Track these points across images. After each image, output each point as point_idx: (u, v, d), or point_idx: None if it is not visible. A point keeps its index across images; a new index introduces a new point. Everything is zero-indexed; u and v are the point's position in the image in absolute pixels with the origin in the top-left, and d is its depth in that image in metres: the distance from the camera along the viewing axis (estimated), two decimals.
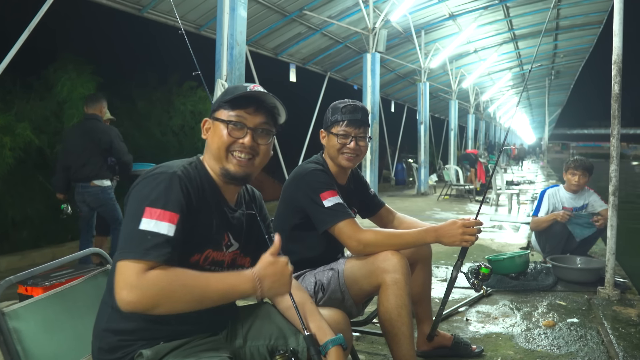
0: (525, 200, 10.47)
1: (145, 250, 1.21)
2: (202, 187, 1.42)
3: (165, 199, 1.29)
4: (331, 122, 2.20)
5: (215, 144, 1.45)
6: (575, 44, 17.10)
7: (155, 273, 1.21)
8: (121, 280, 1.19)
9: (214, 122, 1.47)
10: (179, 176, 1.34)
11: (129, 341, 1.33)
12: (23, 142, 5.87)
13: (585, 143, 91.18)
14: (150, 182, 1.32)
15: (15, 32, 4.85)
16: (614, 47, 3.72)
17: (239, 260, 1.53)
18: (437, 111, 23.29)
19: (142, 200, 1.28)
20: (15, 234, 6.56)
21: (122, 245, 1.24)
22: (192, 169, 1.42)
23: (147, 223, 1.24)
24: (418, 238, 2.11)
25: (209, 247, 1.42)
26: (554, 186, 4.75)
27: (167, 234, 1.25)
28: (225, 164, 1.45)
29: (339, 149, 2.18)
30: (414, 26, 11.27)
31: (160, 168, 1.37)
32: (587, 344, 2.88)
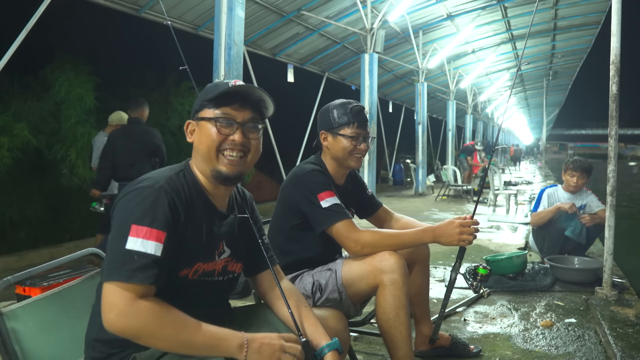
0: (523, 200, 10.49)
1: (131, 272, 1.18)
2: (191, 198, 1.37)
3: (152, 215, 1.24)
4: (339, 124, 2.18)
5: (204, 144, 1.39)
6: (573, 45, 17.14)
7: (146, 305, 1.18)
8: (109, 303, 1.17)
9: (199, 123, 1.41)
10: (165, 190, 1.29)
11: (121, 348, 1.31)
12: (21, 143, 5.85)
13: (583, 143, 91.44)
14: (136, 196, 1.26)
15: (13, 31, 4.85)
16: (612, 47, 3.73)
17: (230, 267, 1.49)
18: (435, 111, 23.31)
19: (127, 217, 1.23)
20: (12, 234, 6.55)
21: (108, 265, 1.21)
22: (180, 178, 1.37)
23: (133, 242, 1.20)
24: (415, 238, 2.11)
25: (198, 260, 1.38)
26: (552, 186, 4.77)
27: (154, 254, 1.21)
28: (216, 164, 1.39)
29: (350, 150, 2.18)
30: (412, 26, 11.29)
31: (146, 180, 1.31)
32: (585, 344, 2.88)
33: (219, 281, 1.46)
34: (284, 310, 1.52)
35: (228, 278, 1.49)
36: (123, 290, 1.18)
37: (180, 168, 1.42)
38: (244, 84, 1.40)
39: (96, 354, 1.33)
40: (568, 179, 4.56)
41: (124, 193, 1.29)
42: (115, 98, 8.53)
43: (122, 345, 1.30)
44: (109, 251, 1.24)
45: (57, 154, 6.36)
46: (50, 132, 6.56)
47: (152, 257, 1.21)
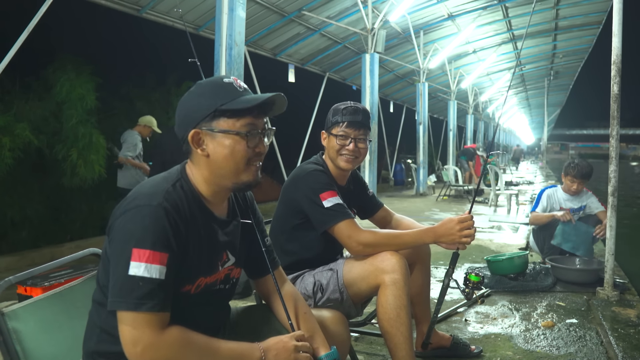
0: (524, 200, 10.48)
1: (138, 299, 1.15)
2: (190, 212, 1.29)
3: (153, 237, 1.18)
4: (332, 123, 2.21)
5: (230, 159, 1.30)
6: (574, 45, 17.12)
7: (171, 337, 1.18)
8: (133, 336, 1.16)
9: (216, 135, 1.29)
10: (164, 208, 1.21)
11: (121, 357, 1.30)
12: (22, 143, 5.85)
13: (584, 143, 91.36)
14: (134, 216, 1.20)
15: (15, 32, 4.86)
16: (613, 47, 3.72)
17: (232, 274, 1.47)
18: (436, 112, 23.30)
19: (127, 240, 1.18)
20: (14, 234, 6.55)
21: (113, 292, 1.18)
22: (177, 191, 1.29)
23: (136, 267, 1.16)
24: (417, 238, 2.11)
25: (200, 275, 1.34)
26: (552, 186, 4.76)
27: (159, 278, 1.17)
28: (242, 177, 1.33)
29: (337, 150, 2.19)
30: (413, 26, 11.29)
31: (142, 197, 1.23)
32: (586, 345, 2.88)
33: (221, 289, 1.44)
34: (284, 315, 1.50)
35: (230, 285, 1.48)
36: (141, 324, 1.15)
37: (176, 177, 1.33)
38: (273, 95, 1.32)
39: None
40: (568, 184, 4.54)
41: (121, 211, 1.23)
42: (116, 98, 8.53)
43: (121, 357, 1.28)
44: (112, 276, 1.20)
45: (59, 154, 6.36)
46: (52, 132, 6.56)
47: (157, 281, 1.17)
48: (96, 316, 1.32)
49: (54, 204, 7.02)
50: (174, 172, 1.36)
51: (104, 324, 1.30)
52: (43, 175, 6.86)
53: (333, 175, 2.25)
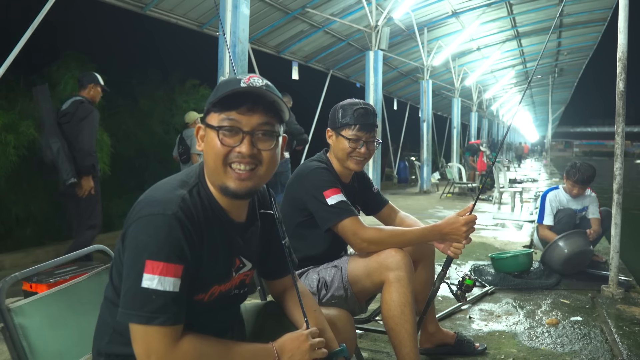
0: (528, 198, 10.46)
1: (151, 313, 1.12)
2: (206, 220, 1.24)
3: (167, 249, 1.14)
4: (342, 124, 2.16)
5: (209, 156, 1.24)
6: (579, 42, 17.05)
7: (186, 348, 1.16)
8: (147, 348, 1.14)
9: (206, 129, 1.25)
10: (179, 218, 1.17)
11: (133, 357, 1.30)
12: (26, 140, 5.87)
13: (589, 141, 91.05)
14: (147, 226, 1.15)
15: (19, 30, 4.86)
16: (619, 44, 3.70)
17: (247, 280, 1.44)
18: (440, 109, 23.26)
19: (141, 251, 1.14)
20: (18, 231, 6.58)
21: (125, 303, 1.15)
22: (194, 197, 1.23)
23: (149, 280, 1.12)
24: (421, 236, 2.11)
25: (214, 284, 1.30)
26: (554, 188, 4.67)
27: (172, 291, 1.14)
28: (224, 179, 1.24)
29: (349, 152, 2.17)
30: (417, 24, 11.25)
31: (155, 206, 1.18)
32: (591, 342, 2.87)
33: (234, 295, 1.42)
34: (295, 312, 1.49)
35: (244, 291, 1.46)
36: (157, 335, 1.14)
37: (194, 182, 1.27)
38: (254, 85, 1.21)
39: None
40: (570, 188, 4.47)
41: (133, 218, 1.19)
42: (120, 95, 8.54)
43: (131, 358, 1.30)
44: (123, 286, 1.16)
45: None
46: None
47: (170, 294, 1.14)
48: (109, 315, 1.31)
49: (58, 202, 7.05)
50: (192, 174, 1.30)
51: (117, 325, 1.27)
52: (47, 173, 6.88)
53: (337, 173, 2.24)
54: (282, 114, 1.27)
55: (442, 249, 2.17)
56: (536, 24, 13.79)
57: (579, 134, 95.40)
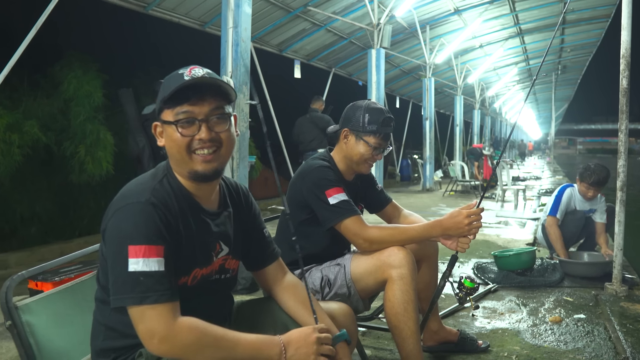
0: (532, 196, 10.44)
1: (142, 293, 1.17)
2: (179, 206, 1.31)
3: (146, 232, 1.20)
4: (367, 130, 2.17)
5: (173, 149, 1.31)
6: (582, 38, 17.00)
7: (185, 327, 1.19)
8: (148, 329, 1.18)
9: (163, 126, 1.32)
10: (153, 204, 1.24)
11: (129, 350, 1.32)
12: (30, 140, 5.89)
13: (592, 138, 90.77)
14: (124, 216, 1.22)
15: (22, 30, 4.88)
16: (623, 40, 3.69)
17: (227, 264, 1.47)
18: (443, 107, 23.22)
19: (122, 239, 1.20)
20: (23, 230, 6.61)
21: (116, 290, 1.20)
22: (164, 186, 1.31)
23: (135, 263, 1.18)
24: (424, 233, 2.11)
25: (195, 266, 1.35)
26: (570, 185, 4.58)
27: (158, 270, 1.20)
28: (191, 165, 1.31)
29: (367, 158, 2.20)
30: (419, 21, 11.24)
31: (129, 197, 1.26)
32: (594, 340, 2.87)
33: (217, 280, 1.44)
34: (291, 304, 1.52)
35: (226, 277, 1.48)
36: (153, 317, 1.18)
37: (162, 174, 1.35)
38: (197, 77, 1.28)
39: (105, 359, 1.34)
40: (584, 190, 4.38)
41: (111, 212, 1.25)
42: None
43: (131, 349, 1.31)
44: (111, 275, 1.22)
45: (67, 150, 6.39)
46: (60, 129, 6.59)
47: (158, 273, 1.20)
48: (100, 315, 1.35)
49: (62, 201, 7.07)
50: (161, 168, 1.38)
51: (108, 321, 1.32)
52: (51, 172, 6.90)
53: (340, 171, 2.25)
54: (229, 96, 1.35)
55: (449, 245, 2.15)
56: (539, 21, 13.75)
57: (582, 131, 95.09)
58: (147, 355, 1.27)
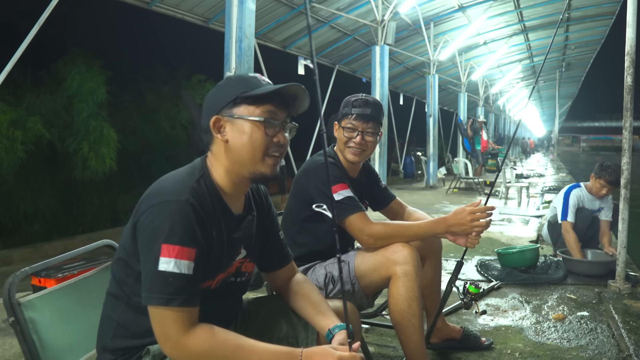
0: (535, 193, 10.42)
1: (169, 295, 1.17)
2: (213, 209, 1.29)
3: (182, 233, 1.19)
4: (342, 115, 2.21)
5: (248, 146, 1.29)
6: (586, 36, 16.92)
7: (199, 335, 1.19)
8: (162, 333, 1.18)
9: (235, 121, 1.30)
10: (192, 204, 1.22)
11: (137, 349, 1.32)
12: (34, 136, 5.92)
13: (596, 136, 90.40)
14: (161, 212, 1.20)
15: (26, 26, 4.89)
16: (627, 37, 3.67)
17: (243, 267, 1.46)
18: (446, 104, 23.17)
19: (156, 236, 1.18)
20: (27, 226, 6.64)
21: (145, 287, 1.19)
22: (201, 187, 1.28)
23: (166, 263, 1.17)
24: (428, 230, 2.11)
25: (220, 272, 1.35)
26: (576, 186, 4.54)
27: (188, 273, 1.19)
28: (259, 167, 1.31)
29: (345, 142, 2.19)
30: (423, 18, 11.20)
31: (167, 194, 1.23)
32: (598, 338, 2.87)
33: (232, 282, 1.44)
34: (299, 304, 1.51)
35: (241, 280, 1.47)
36: (171, 320, 1.17)
37: (199, 174, 1.31)
38: (293, 84, 1.31)
39: (111, 358, 1.34)
40: (597, 187, 4.33)
41: (145, 207, 1.23)
42: (126, 91, 8.57)
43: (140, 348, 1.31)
44: (142, 272, 1.21)
45: (70, 147, 6.41)
46: (63, 125, 6.61)
47: (186, 276, 1.18)
48: (111, 310, 1.34)
49: (65, 197, 7.10)
50: (196, 167, 1.35)
51: (120, 318, 1.31)
52: (55, 169, 6.93)
53: (345, 167, 2.25)
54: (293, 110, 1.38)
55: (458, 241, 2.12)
56: (543, 18, 13.68)
57: (586, 129, 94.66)
58: (155, 353, 1.28)
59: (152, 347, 1.29)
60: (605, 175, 4.27)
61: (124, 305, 1.31)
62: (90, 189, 7.15)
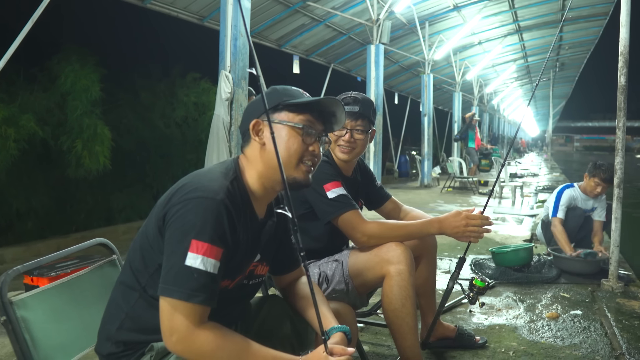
0: (529, 193, 10.46)
1: (192, 291, 1.17)
2: (243, 211, 1.32)
3: (213, 231, 1.20)
4: None
5: (284, 151, 1.33)
6: (580, 36, 16.99)
7: (206, 333, 1.19)
8: (170, 326, 1.18)
9: (275, 125, 1.33)
10: (225, 205, 1.24)
11: (142, 344, 1.32)
12: (27, 134, 5.86)
13: (589, 136, 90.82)
14: (196, 207, 1.21)
15: (19, 23, 4.85)
16: (621, 38, 3.69)
17: (257, 270, 1.47)
18: (441, 103, 23.21)
19: (187, 230, 1.19)
20: (19, 225, 6.59)
21: (166, 279, 1.19)
22: (234, 189, 1.30)
23: (193, 259, 1.18)
24: (422, 229, 2.11)
25: (240, 273, 1.38)
26: (569, 186, 4.57)
27: (212, 272, 1.20)
28: (292, 172, 1.35)
29: (335, 140, 2.19)
30: (418, 17, 11.20)
31: (204, 190, 1.24)
32: (591, 336, 2.88)
33: (244, 285, 1.44)
34: (300, 305, 1.52)
35: (254, 283, 1.48)
36: (183, 314, 1.17)
37: (233, 175, 1.34)
38: (333, 99, 1.38)
39: (113, 349, 1.33)
40: (592, 186, 4.36)
41: (179, 199, 1.24)
42: (120, 89, 8.53)
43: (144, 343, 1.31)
44: (166, 263, 1.21)
45: (64, 145, 6.37)
46: (57, 123, 6.56)
47: (211, 275, 1.19)
48: (122, 300, 1.33)
49: (59, 195, 7.05)
50: (230, 167, 1.37)
51: (131, 311, 1.31)
52: (48, 167, 6.88)
53: (339, 166, 2.24)
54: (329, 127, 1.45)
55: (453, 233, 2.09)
56: (537, 18, 13.73)
57: (579, 129, 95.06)
58: (158, 350, 1.27)
59: (156, 344, 1.29)
60: (600, 173, 4.30)
61: (138, 296, 1.31)
62: (83, 187, 7.10)
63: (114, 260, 1.71)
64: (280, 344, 1.45)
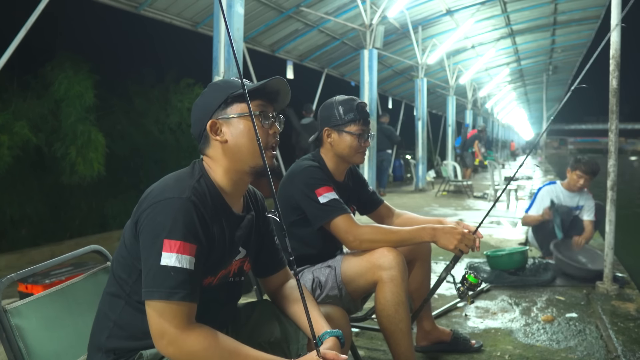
0: (524, 195, 10.49)
1: (171, 289, 1.18)
2: (214, 207, 1.33)
3: (183, 228, 1.22)
4: (346, 121, 2.18)
5: (248, 142, 1.34)
6: (573, 39, 17.09)
7: (195, 334, 1.19)
8: (158, 329, 1.19)
9: (231, 121, 1.35)
10: (193, 202, 1.26)
11: (132, 352, 1.32)
12: (21, 141, 5.84)
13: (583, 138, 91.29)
14: (164, 208, 1.23)
15: (12, 30, 4.84)
16: (612, 41, 3.72)
17: (245, 266, 1.49)
18: (435, 107, 23.26)
19: (159, 232, 1.21)
20: (13, 232, 6.55)
21: (147, 282, 1.21)
22: (202, 186, 1.32)
23: (168, 258, 1.19)
24: (415, 235, 2.10)
25: (221, 268, 1.38)
26: (550, 183, 4.67)
27: (189, 268, 1.21)
28: (260, 160, 1.35)
29: (356, 148, 2.19)
30: (411, 22, 11.25)
31: (169, 191, 1.27)
32: (586, 339, 2.89)
33: (232, 282, 1.45)
34: (291, 309, 1.51)
35: (238, 279, 1.49)
36: (170, 315, 1.18)
37: (198, 174, 1.35)
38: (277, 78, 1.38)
39: (104, 358, 1.33)
40: (574, 179, 4.42)
41: (148, 204, 1.26)
42: (114, 95, 8.51)
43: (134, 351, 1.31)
44: (144, 267, 1.23)
45: (57, 152, 6.35)
46: (50, 130, 6.54)
47: (187, 271, 1.21)
48: (109, 309, 1.33)
49: (53, 202, 7.02)
50: (196, 169, 1.39)
51: (118, 319, 1.31)
52: (42, 173, 6.85)
53: (330, 171, 2.25)
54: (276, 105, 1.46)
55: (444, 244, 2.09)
56: (530, 21, 13.82)
57: (573, 132, 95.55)
58: (147, 357, 1.27)
59: (145, 352, 1.28)
60: (581, 166, 4.40)
61: (124, 304, 1.31)
62: (78, 193, 7.08)
63: (108, 267, 1.71)
64: (271, 348, 1.45)
